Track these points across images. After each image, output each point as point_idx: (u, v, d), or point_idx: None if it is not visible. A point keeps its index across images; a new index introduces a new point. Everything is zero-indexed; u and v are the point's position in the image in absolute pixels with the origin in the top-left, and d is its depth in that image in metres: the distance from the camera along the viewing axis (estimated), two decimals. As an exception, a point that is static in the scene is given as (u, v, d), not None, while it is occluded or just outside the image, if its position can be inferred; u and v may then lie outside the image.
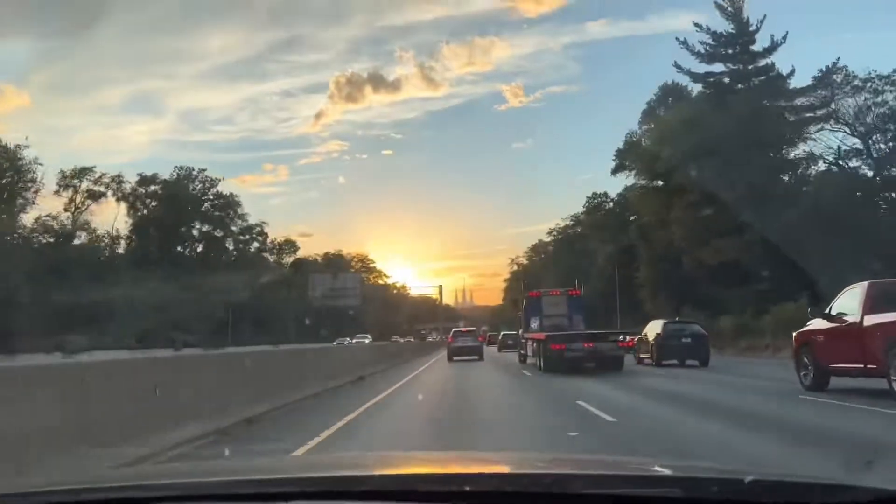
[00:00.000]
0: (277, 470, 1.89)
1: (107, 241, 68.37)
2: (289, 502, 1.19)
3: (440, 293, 68.95)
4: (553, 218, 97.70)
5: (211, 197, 76.50)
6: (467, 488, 1.26)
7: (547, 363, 17.04)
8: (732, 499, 1.16)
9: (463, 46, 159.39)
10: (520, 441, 6.82)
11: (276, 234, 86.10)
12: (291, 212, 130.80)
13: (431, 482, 1.38)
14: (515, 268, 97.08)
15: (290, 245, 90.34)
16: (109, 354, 25.01)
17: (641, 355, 20.95)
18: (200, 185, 76.68)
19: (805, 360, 10.60)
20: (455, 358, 26.34)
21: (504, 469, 1.70)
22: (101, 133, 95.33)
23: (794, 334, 11.15)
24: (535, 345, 19.65)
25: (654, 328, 20.62)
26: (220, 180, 76.48)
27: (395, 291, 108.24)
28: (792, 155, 36.94)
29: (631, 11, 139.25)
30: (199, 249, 76.04)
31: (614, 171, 55.58)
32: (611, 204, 61.29)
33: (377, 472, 1.62)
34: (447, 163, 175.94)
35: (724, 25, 37.77)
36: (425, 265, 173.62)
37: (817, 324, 10.52)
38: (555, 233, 78.39)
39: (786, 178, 36.90)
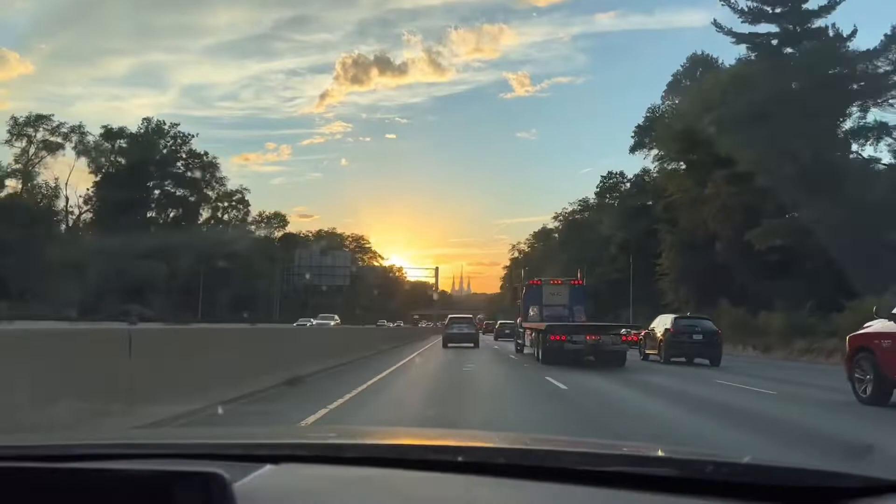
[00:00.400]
0: (270, 435, 2.07)
1: (45, 193, 65.65)
2: (279, 464, 1.28)
3: (436, 276, 68.82)
4: (554, 209, 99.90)
5: (183, 156, 74.33)
6: (460, 458, 1.34)
7: (545, 354, 17.47)
8: (726, 480, 1.23)
9: (471, 33, 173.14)
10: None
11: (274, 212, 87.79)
12: (292, 192, 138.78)
13: (423, 451, 1.47)
14: (516, 254, 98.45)
15: (279, 219, 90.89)
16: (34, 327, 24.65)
17: (648, 351, 21.19)
18: (172, 142, 74.15)
19: (863, 367, 9.75)
20: (450, 344, 27.87)
21: (497, 443, 1.79)
22: (103, 104, 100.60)
23: (849, 337, 10.37)
24: (533, 335, 20.20)
25: (662, 323, 20.76)
26: (193, 136, 74.58)
27: (391, 275, 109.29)
28: (854, 125, 34.76)
29: (641, 5, 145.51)
30: (172, 215, 74.34)
31: (633, 149, 55.43)
32: (627, 185, 60.84)
33: (369, 441, 1.78)
34: (450, 149, 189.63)
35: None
36: (423, 251, 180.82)
37: (881, 325, 9.65)
38: (561, 218, 78.59)
39: (853, 152, 34.88)
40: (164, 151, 72.84)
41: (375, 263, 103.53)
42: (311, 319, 39.68)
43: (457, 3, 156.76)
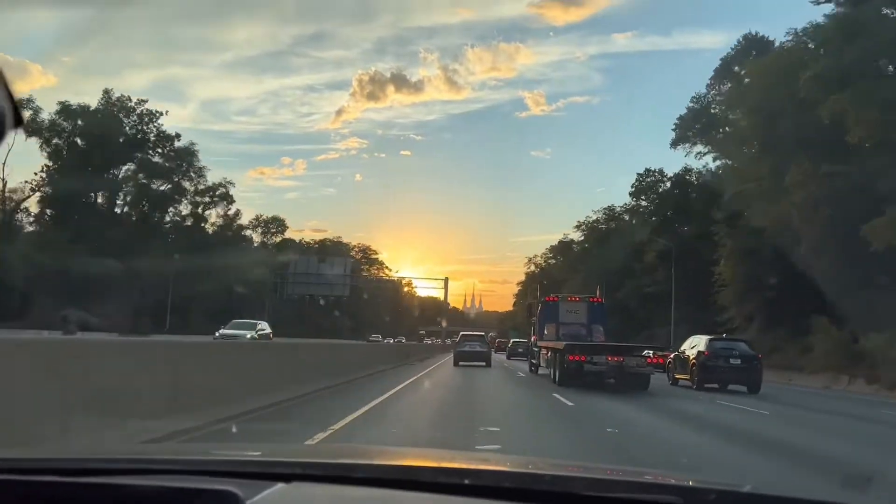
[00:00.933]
0: (282, 453, 2.26)
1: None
2: (290, 483, 1.40)
3: (445, 288, 67.56)
4: (566, 228, 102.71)
5: (152, 138, 69.50)
6: (467, 481, 1.46)
7: (563, 376, 17.94)
8: None
9: (487, 51, 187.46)
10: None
11: (291, 229, 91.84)
12: (307, 206, 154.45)
13: (432, 473, 1.61)
14: (532, 268, 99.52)
15: (277, 223, 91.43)
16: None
17: (678, 376, 21.20)
18: (137, 120, 69.18)
19: None
20: (461, 363, 29.15)
21: (506, 466, 1.92)
22: None
23: None
24: (549, 354, 20.83)
25: (695, 345, 20.76)
26: (162, 114, 70.14)
27: (400, 289, 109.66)
28: None
29: (658, 26, 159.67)
30: (139, 208, 70.16)
31: (674, 144, 54.15)
32: (668, 184, 59.13)
33: (378, 462, 1.95)
34: (464, 167, 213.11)
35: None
36: (435, 268, 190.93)
37: None
38: (584, 227, 77.08)
39: None
40: (131, 132, 68.27)
41: (383, 276, 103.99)
42: (237, 329, 28.27)
43: (474, 21, 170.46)
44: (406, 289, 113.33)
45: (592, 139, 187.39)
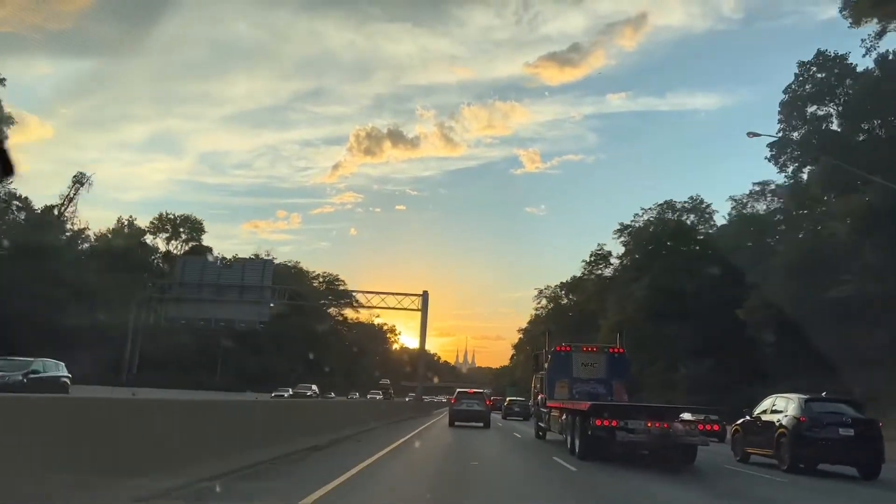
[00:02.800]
0: None
1: None
2: None
3: (424, 304, 53.19)
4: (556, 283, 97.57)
5: None
6: None
7: (587, 446, 14.56)
8: None
9: (483, 109, 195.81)
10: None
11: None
12: (301, 259, 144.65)
13: None
14: (542, 306, 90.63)
15: (190, 225, 72.96)
16: None
17: (752, 450, 16.33)
18: None
19: None
20: (457, 423, 28.09)
21: None
22: (120, 169, 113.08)
23: None
24: (565, 418, 17.37)
25: (781, 407, 15.62)
26: None
27: (375, 331, 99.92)
28: None
29: (652, 87, 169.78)
30: None
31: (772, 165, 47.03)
32: (756, 189, 52.42)
33: None
34: (459, 222, 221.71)
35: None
36: (429, 323, 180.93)
37: None
38: (627, 233, 64.79)
39: None
40: None
41: (352, 316, 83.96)
42: None
43: (470, 80, 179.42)
44: (389, 335, 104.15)
45: (587, 196, 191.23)
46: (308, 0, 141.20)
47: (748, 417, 16.68)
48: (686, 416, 16.00)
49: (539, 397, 22.76)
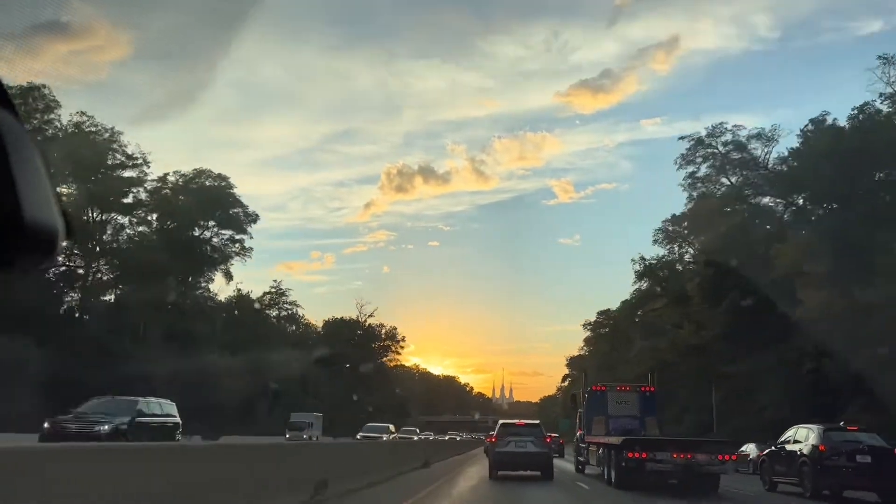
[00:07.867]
0: None
1: None
2: None
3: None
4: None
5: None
6: None
7: (620, 477, 16.34)
8: None
9: (515, 141, 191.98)
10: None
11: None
12: (335, 300, 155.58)
13: None
14: (589, 337, 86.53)
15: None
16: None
17: (778, 479, 17.15)
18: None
19: None
20: (500, 473, 19.10)
21: None
22: None
23: None
24: (601, 451, 19.23)
25: (802, 437, 16.55)
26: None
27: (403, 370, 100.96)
28: None
29: (687, 111, 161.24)
30: None
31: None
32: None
33: None
34: (492, 256, 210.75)
35: None
36: (464, 360, 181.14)
37: None
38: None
39: None
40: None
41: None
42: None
43: (500, 113, 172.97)
44: (415, 370, 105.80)
45: (622, 226, 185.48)
46: (335, 41, 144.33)
47: (773, 448, 17.55)
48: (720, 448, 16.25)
49: (578, 433, 24.53)
